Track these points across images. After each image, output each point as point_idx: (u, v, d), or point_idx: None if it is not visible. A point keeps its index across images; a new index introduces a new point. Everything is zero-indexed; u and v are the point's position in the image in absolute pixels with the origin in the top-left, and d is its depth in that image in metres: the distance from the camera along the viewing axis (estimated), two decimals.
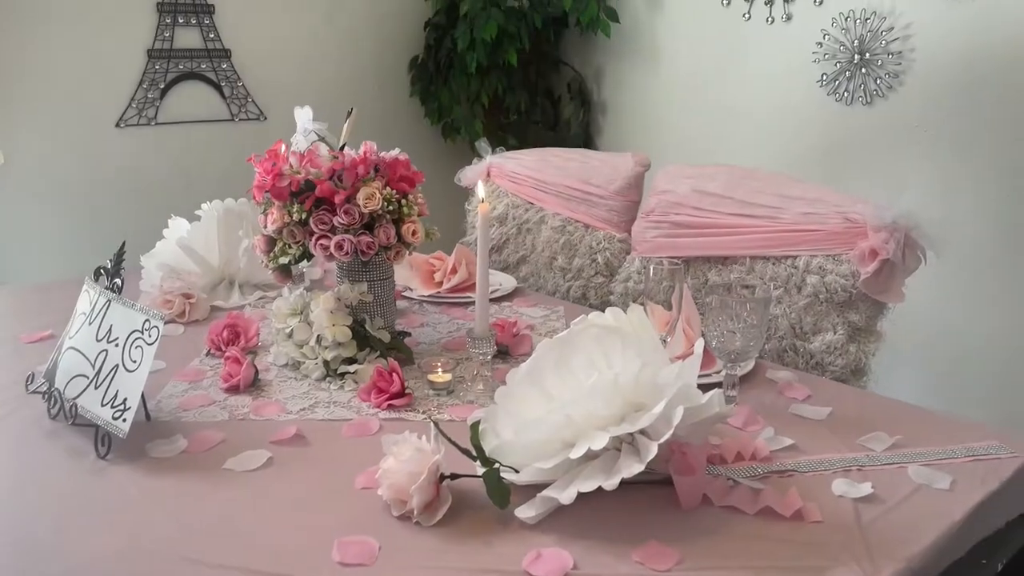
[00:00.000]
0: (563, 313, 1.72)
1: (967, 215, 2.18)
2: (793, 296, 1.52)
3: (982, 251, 2.17)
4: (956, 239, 2.16)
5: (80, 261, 2.47)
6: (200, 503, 0.97)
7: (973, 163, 2.17)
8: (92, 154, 2.53)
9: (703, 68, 2.79)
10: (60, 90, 2.44)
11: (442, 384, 1.29)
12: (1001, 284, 2.16)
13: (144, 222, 2.21)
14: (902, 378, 2.29)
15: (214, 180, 2.73)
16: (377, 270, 1.43)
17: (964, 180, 2.19)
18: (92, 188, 2.55)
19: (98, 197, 2.56)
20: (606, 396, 0.96)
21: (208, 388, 1.31)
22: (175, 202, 2.59)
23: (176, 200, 2.62)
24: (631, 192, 1.92)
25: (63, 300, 1.51)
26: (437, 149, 3.31)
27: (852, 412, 1.23)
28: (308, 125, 1.46)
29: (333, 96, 3.02)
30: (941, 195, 2.22)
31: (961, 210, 2.19)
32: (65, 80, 2.44)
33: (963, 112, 2.17)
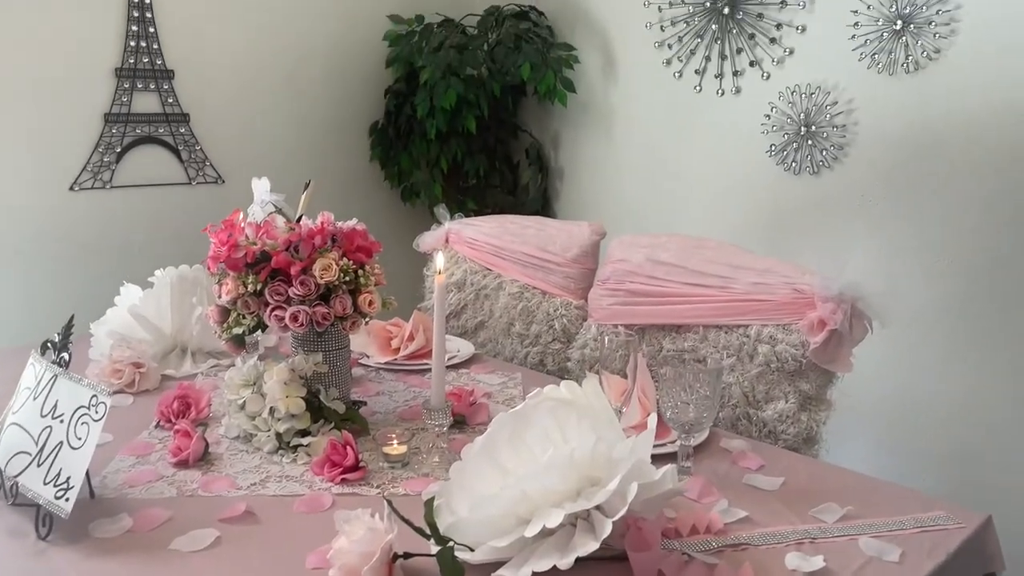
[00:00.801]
0: (520, 380, 1.73)
1: (910, 283, 2.25)
2: (745, 365, 1.54)
3: (925, 318, 2.24)
4: (900, 308, 2.22)
5: (29, 327, 2.42)
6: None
7: (915, 232, 2.25)
8: (44, 218, 2.49)
9: (656, 137, 2.87)
10: (13, 152, 2.42)
11: (397, 457, 1.28)
12: (945, 350, 2.23)
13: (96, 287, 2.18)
14: (853, 444, 2.32)
15: (170, 244, 2.71)
16: (333, 340, 1.42)
17: (907, 249, 2.27)
18: (44, 252, 2.51)
19: (50, 261, 2.52)
20: (562, 471, 0.96)
21: (156, 463, 1.28)
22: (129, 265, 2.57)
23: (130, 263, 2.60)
24: (587, 260, 1.95)
25: (7, 371, 1.47)
26: (396, 212, 3.33)
27: (804, 482, 1.24)
28: (265, 196, 1.46)
29: (293, 159, 3.04)
30: (885, 263, 2.29)
31: (904, 278, 2.26)
32: (19, 143, 2.42)
33: (904, 183, 2.26)
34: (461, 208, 3.19)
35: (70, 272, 2.56)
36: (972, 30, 2.08)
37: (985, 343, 2.16)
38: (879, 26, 2.24)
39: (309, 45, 3.04)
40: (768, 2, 2.48)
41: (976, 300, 2.16)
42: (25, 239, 2.47)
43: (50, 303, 2.51)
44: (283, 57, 2.97)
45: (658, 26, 2.76)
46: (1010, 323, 2.11)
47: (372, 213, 3.30)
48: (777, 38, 2.48)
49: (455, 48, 2.93)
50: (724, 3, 2.57)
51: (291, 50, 2.99)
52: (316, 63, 3.07)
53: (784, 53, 2.47)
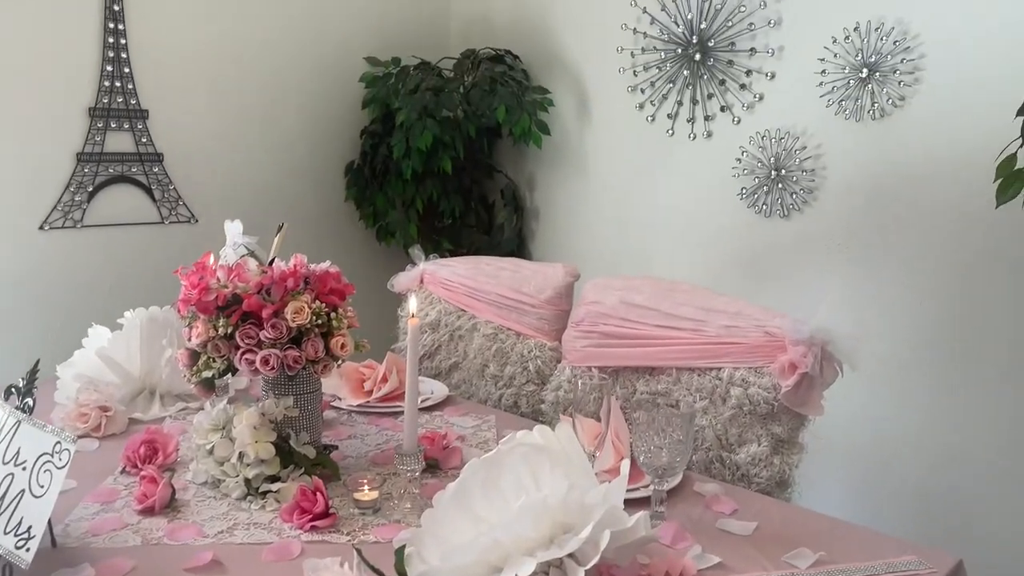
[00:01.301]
0: (494, 423, 1.72)
1: (880, 325, 2.28)
2: (718, 407, 1.55)
3: (896, 361, 2.26)
4: (871, 350, 2.25)
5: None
6: None
7: (885, 275, 2.29)
8: (12, 257, 2.46)
9: (630, 179, 2.90)
10: None
11: (368, 503, 1.26)
12: (915, 393, 2.25)
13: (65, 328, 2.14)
14: (825, 487, 2.33)
15: (141, 284, 2.68)
16: (304, 383, 1.41)
17: (877, 291, 2.30)
18: (11, 292, 2.47)
19: (17, 302, 2.48)
20: (535, 518, 0.95)
21: (121, 510, 1.25)
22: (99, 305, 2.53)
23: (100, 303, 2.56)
24: (561, 301, 1.95)
25: None
26: (371, 251, 3.33)
27: (777, 527, 1.24)
28: (238, 239, 1.46)
29: (268, 198, 3.03)
30: (856, 305, 2.32)
31: (875, 320, 2.29)
32: None
33: (873, 226, 2.30)
34: (436, 248, 3.19)
35: (38, 313, 2.52)
36: (935, 78, 2.14)
37: (955, 386, 2.19)
38: (846, 74, 2.30)
39: (286, 86, 3.05)
40: (738, 49, 2.54)
41: (946, 343, 2.19)
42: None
43: (17, 344, 2.47)
44: (259, 97, 2.98)
45: (631, 71, 2.81)
46: (980, 366, 2.14)
47: (347, 252, 3.30)
48: (747, 84, 2.53)
49: (431, 90, 2.95)
50: (695, 49, 2.63)
51: (267, 90, 3.00)
52: (292, 103, 3.09)
53: (754, 99, 2.53)
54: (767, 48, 2.47)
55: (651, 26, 2.73)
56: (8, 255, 2.46)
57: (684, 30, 2.65)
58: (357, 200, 3.27)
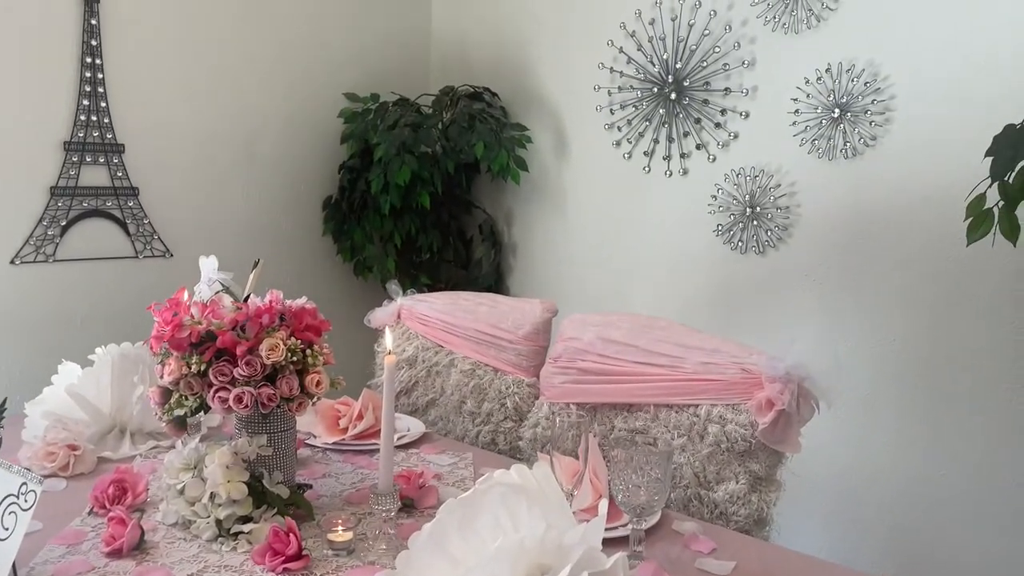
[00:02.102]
0: (471, 460, 1.70)
1: (856, 361, 2.30)
2: (696, 444, 1.54)
3: (873, 398, 2.28)
4: (847, 387, 2.26)
5: None
6: None
7: (859, 311, 2.31)
8: None
9: (607, 215, 2.93)
10: None
11: (342, 544, 1.24)
12: (892, 429, 2.26)
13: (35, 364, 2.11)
14: (803, 522, 2.33)
15: (114, 319, 2.64)
16: (278, 421, 1.39)
17: (852, 328, 2.32)
18: None
19: None
20: (511, 560, 0.93)
21: (88, 552, 1.22)
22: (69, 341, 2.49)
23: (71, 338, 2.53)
24: (539, 337, 1.95)
25: None
26: (349, 285, 3.32)
27: (755, 567, 1.23)
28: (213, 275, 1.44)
29: (244, 233, 3.02)
30: (831, 342, 2.34)
31: (851, 356, 2.31)
32: None
33: (847, 263, 2.33)
34: (414, 283, 3.19)
35: (7, 348, 2.47)
36: (905, 118, 2.19)
37: (926, 418, 2.20)
38: (818, 113, 2.34)
39: (263, 121, 3.06)
40: (713, 89, 2.58)
41: (917, 376, 2.21)
42: None
43: None
44: (237, 132, 2.98)
45: (608, 109, 2.85)
46: (950, 399, 2.16)
47: (324, 287, 3.28)
48: (722, 123, 2.57)
49: (410, 126, 2.97)
50: (671, 89, 2.67)
51: (245, 125, 3.00)
52: (270, 138, 3.09)
53: (729, 137, 2.56)
54: (741, 88, 2.51)
55: (627, 65, 2.78)
56: None
57: (660, 70, 2.69)
58: (335, 234, 3.27)
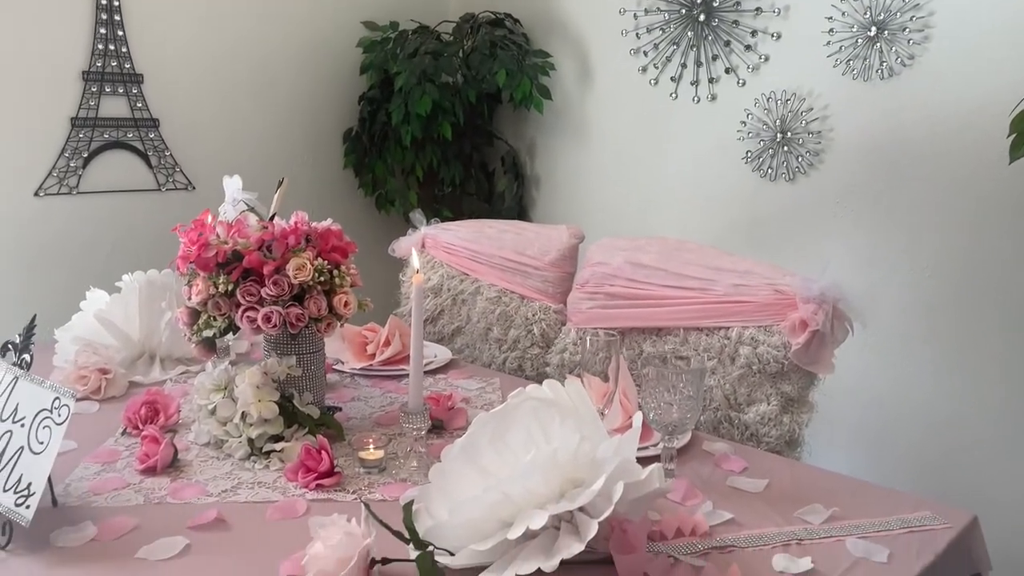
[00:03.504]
0: (499, 385, 1.70)
1: (889, 288, 2.26)
2: (727, 367, 1.53)
3: (905, 323, 2.24)
4: (880, 312, 2.22)
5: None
6: None
7: (892, 237, 2.26)
8: (8, 224, 2.43)
9: (632, 144, 2.86)
10: None
11: (374, 462, 1.24)
12: (925, 355, 2.23)
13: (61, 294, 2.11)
14: (834, 450, 2.32)
15: (138, 251, 2.64)
16: (307, 343, 1.39)
17: (884, 254, 2.27)
18: (7, 258, 2.44)
19: (13, 267, 2.45)
20: (544, 472, 0.93)
21: (122, 470, 1.23)
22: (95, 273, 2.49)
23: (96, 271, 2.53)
24: (566, 263, 1.93)
25: None
26: (371, 220, 3.29)
27: (788, 484, 1.22)
28: (237, 195, 1.42)
29: (264, 166, 2.99)
30: (864, 269, 2.29)
31: (883, 283, 2.27)
32: None
33: (881, 188, 2.27)
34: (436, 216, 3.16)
35: (34, 280, 2.49)
36: (945, 37, 2.10)
37: (965, 347, 2.16)
38: (853, 33, 2.25)
39: (282, 51, 3.00)
40: (743, 9, 2.49)
41: (955, 304, 2.17)
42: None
43: (13, 311, 2.44)
44: (255, 63, 2.93)
45: (634, 33, 2.76)
46: (989, 327, 2.12)
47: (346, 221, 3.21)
48: (752, 45, 2.49)
49: (430, 55, 2.90)
50: (699, 10, 2.58)
51: (263, 56, 2.95)
52: (289, 69, 3.03)
53: (759, 60, 2.48)
54: (773, 7, 2.42)
55: None
56: (4, 221, 2.42)
57: None
58: (356, 168, 3.23)
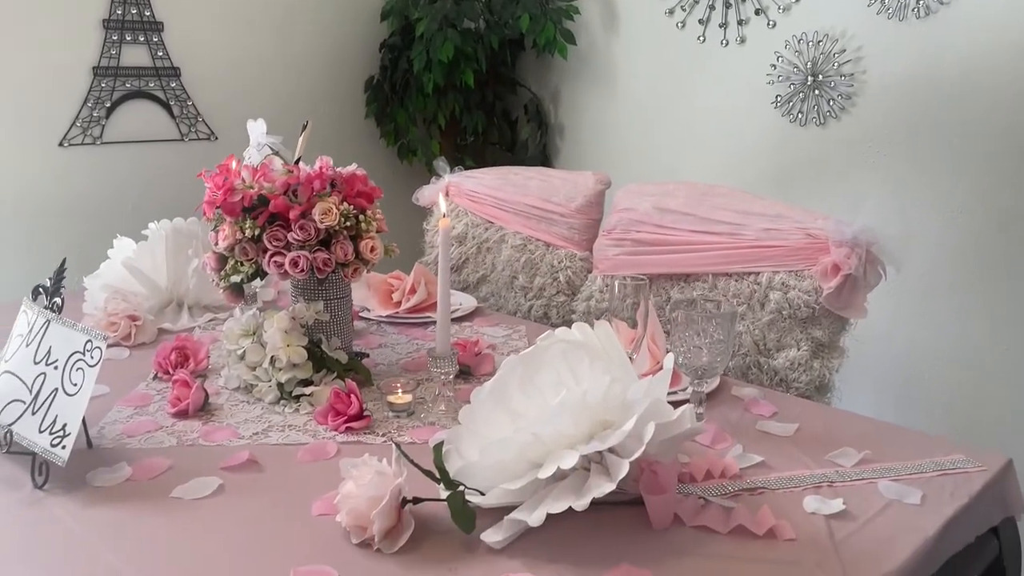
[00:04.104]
0: (525, 333, 1.69)
1: (922, 234, 2.22)
2: (756, 312, 1.51)
3: (938, 268, 2.20)
4: (913, 257, 2.19)
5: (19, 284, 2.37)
6: (145, 534, 0.91)
7: (927, 182, 2.21)
8: (34, 174, 2.44)
9: (659, 89, 2.81)
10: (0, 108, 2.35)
11: (402, 405, 1.25)
12: (958, 300, 2.19)
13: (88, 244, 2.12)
14: (864, 394, 2.30)
15: (162, 201, 2.65)
16: (333, 288, 1.38)
17: (918, 200, 2.22)
18: (33, 209, 2.45)
19: (40, 218, 2.47)
20: (574, 414, 0.93)
21: (155, 413, 1.25)
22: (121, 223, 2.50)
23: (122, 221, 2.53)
24: (592, 210, 1.90)
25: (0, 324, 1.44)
26: (393, 170, 3.27)
27: (819, 428, 1.22)
28: (261, 139, 1.41)
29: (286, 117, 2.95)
30: (895, 214, 2.25)
31: (916, 229, 2.22)
32: (6, 97, 2.36)
33: (915, 132, 2.21)
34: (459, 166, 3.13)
35: (61, 229, 2.50)
36: None
37: (997, 292, 2.12)
38: None
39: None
40: None
41: (988, 248, 2.13)
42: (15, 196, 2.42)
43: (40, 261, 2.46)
44: (275, 11, 2.89)
45: None
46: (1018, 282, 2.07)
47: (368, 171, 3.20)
48: None
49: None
50: None
51: (284, 3, 2.91)
52: (309, 16, 2.99)
53: (790, 0, 2.41)
54: None
55: None
56: (29, 172, 2.43)
57: None
58: (377, 117, 3.21)
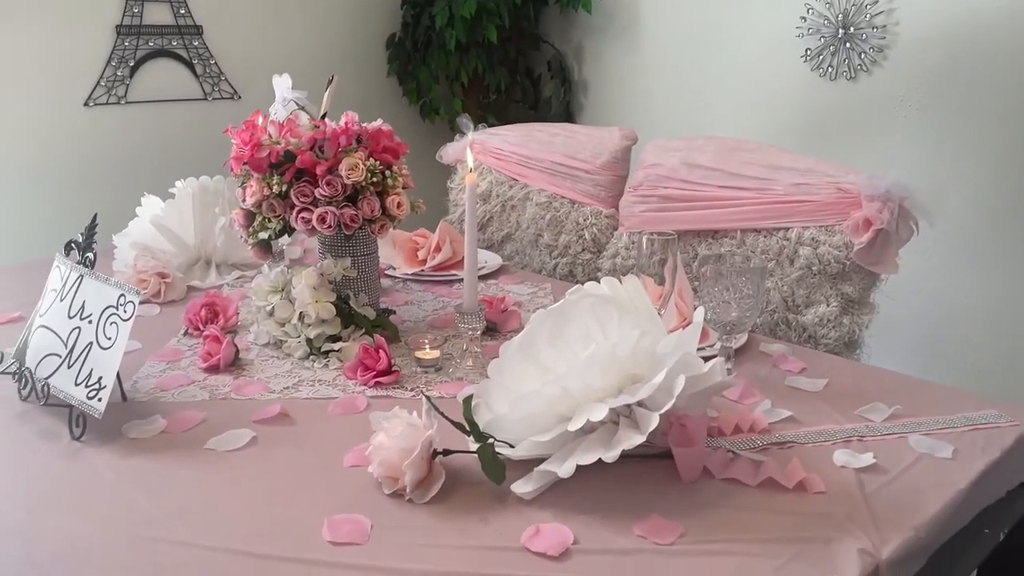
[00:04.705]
0: (550, 290, 1.69)
1: (956, 189, 2.17)
2: (785, 268, 1.49)
3: (969, 223, 2.16)
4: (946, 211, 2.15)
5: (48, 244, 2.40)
6: (181, 484, 0.93)
7: (961, 137, 2.16)
8: (60, 134, 2.45)
9: (685, 44, 2.76)
10: (26, 68, 2.36)
11: (430, 361, 1.25)
12: (988, 256, 2.16)
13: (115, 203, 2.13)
14: (893, 351, 2.28)
15: (187, 160, 2.66)
16: (360, 245, 1.39)
17: (952, 154, 2.18)
18: (60, 168, 2.47)
19: (66, 178, 2.49)
20: (603, 367, 0.93)
21: (187, 368, 1.26)
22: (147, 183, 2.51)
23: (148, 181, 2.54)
24: (618, 166, 1.88)
25: (31, 282, 1.46)
26: (416, 129, 3.26)
27: (848, 384, 1.21)
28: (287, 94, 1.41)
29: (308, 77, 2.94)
30: (929, 169, 2.21)
31: (947, 184, 2.18)
32: (31, 58, 2.36)
33: (949, 85, 2.16)
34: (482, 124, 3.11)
35: (87, 189, 2.52)
36: None
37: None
38: None
39: None
40: None
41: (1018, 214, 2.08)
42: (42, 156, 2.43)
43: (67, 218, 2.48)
44: None
45: None
46: None
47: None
48: None
49: None
50: None
51: None
52: None
53: None
54: None
55: None
56: (56, 131, 2.45)
57: None
58: (400, 75, 3.19)
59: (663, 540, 0.82)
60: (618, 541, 0.82)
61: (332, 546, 0.81)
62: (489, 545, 0.81)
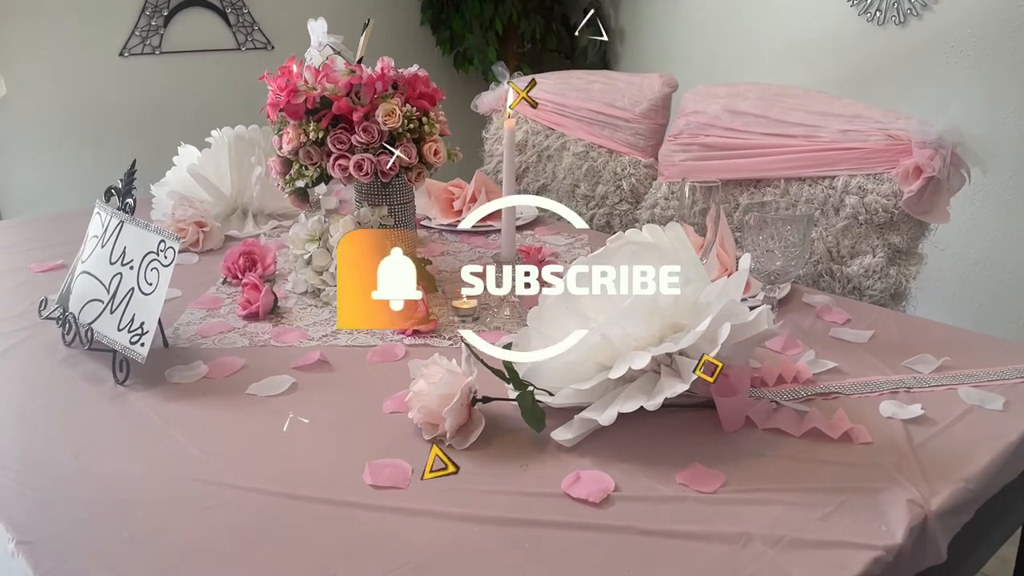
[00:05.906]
0: (587, 241, 1.67)
1: (1009, 135, 2.09)
2: (830, 218, 1.45)
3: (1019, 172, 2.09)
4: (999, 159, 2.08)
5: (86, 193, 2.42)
6: (223, 428, 0.94)
7: (1015, 82, 2.08)
8: (96, 84, 2.46)
9: None
10: (61, 19, 2.36)
11: (467, 310, 1.25)
12: None
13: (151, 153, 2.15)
14: (940, 303, 2.23)
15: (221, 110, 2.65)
16: (397, 193, 1.37)
17: (1004, 99, 2.10)
18: (96, 119, 2.48)
19: (103, 128, 2.50)
20: (645, 316, 0.91)
21: (226, 316, 1.27)
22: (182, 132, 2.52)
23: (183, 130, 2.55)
24: (658, 114, 1.84)
25: (72, 231, 1.47)
26: (450, 79, 3.21)
27: (894, 335, 1.18)
28: (323, 38, 1.38)
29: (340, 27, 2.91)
30: (981, 117, 2.13)
31: (1002, 130, 2.10)
32: (66, 8, 2.36)
33: (1001, 29, 2.07)
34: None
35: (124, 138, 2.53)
36: None
37: None
38: None
39: None
40: None
41: None
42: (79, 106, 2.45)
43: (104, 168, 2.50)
44: None
45: None
46: None
47: None
48: None
49: None
50: None
51: None
52: None
53: None
54: None
55: None
56: (92, 82, 2.45)
57: None
58: (433, 24, 3.14)
59: (705, 488, 0.81)
60: (659, 489, 0.81)
61: (373, 489, 0.81)
62: (529, 491, 0.81)
